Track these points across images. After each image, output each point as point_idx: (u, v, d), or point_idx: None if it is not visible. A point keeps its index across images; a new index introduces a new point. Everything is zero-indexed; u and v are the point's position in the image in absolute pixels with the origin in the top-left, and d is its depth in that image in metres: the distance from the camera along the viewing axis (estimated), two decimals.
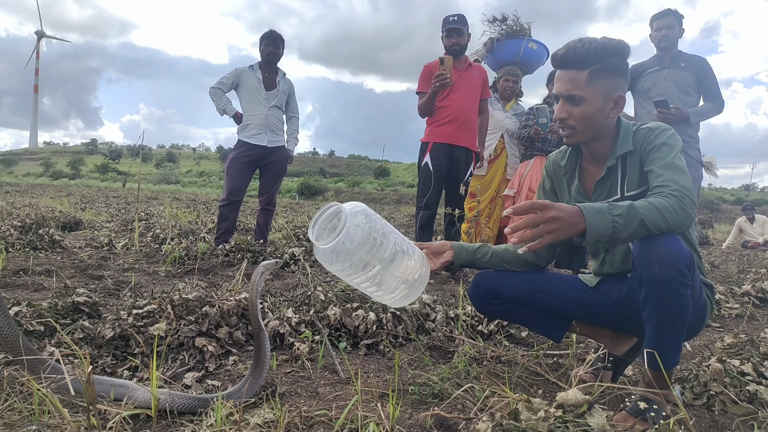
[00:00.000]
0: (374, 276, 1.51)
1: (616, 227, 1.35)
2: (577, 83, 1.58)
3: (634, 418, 1.44)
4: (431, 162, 4.09)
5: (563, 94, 1.61)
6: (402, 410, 1.60)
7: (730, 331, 2.83)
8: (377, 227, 1.48)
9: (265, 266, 1.72)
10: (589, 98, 1.59)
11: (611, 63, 1.58)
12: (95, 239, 5.22)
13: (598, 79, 1.58)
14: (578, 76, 1.58)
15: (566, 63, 1.60)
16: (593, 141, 1.67)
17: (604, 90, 1.59)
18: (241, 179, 4.59)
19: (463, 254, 1.78)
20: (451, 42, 4.07)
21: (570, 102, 1.61)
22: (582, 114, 1.60)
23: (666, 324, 1.41)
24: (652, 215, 1.37)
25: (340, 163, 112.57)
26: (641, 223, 1.36)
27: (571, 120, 1.62)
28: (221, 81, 4.62)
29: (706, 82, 3.88)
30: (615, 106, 1.63)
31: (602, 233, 1.35)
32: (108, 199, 15.83)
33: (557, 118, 1.64)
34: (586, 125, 1.62)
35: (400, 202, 33.53)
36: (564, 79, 1.61)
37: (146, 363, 1.87)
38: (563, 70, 1.62)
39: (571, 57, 1.58)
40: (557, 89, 1.63)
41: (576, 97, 1.59)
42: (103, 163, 72.68)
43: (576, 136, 1.65)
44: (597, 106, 1.60)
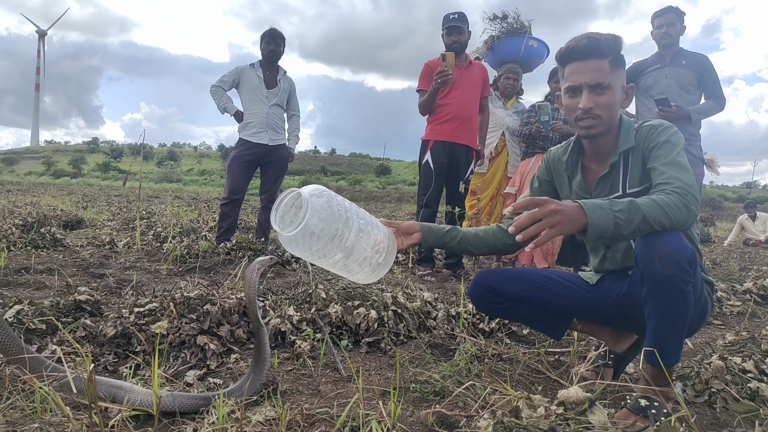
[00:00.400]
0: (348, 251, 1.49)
1: (618, 223, 1.35)
2: (603, 71, 1.60)
3: (635, 415, 1.44)
4: (432, 160, 4.09)
5: (590, 84, 1.60)
6: (403, 408, 1.60)
7: (732, 329, 2.83)
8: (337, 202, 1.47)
9: (259, 262, 1.72)
10: (613, 86, 1.61)
11: (620, 55, 1.63)
12: (97, 238, 5.23)
13: (616, 68, 1.61)
14: (602, 65, 1.60)
15: (590, 52, 1.61)
16: (606, 134, 1.66)
17: (620, 80, 1.63)
18: (243, 177, 4.59)
19: (432, 237, 1.76)
20: (452, 40, 4.07)
21: (597, 90, 1.61)
22: (607, 102, 1.61)
23: (668, 321, 1.41)
24: (654, 211, 1.37)
25: (341, 162, 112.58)
26: (643, 219, 1.36)
27: (597, 109, 1.61)
28: (222, 79, 4.62)
29: (708, 79, 3.87)
30: (626, 97, 1.67)
31: (604, 229, 1.34)
32: (109, 197, 15.85)
33: (584, 108, 1.61)
34: (609, 114, 1.63)
35: (401, 200, 33.53)
36: (587, 69, 1.61)
37: (148, 361, 1.88)
38: (584, 61, 1.62)
39: (596, 46, 1.60)
40: (580, 79, 1.61)
41: (604, 85, 1.60)
42: (104, 161, 72.74)
43: (600, 126, 1.63)
44: (618, 95, 1.63)
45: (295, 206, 1.49)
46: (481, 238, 1.79)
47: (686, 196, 1.41)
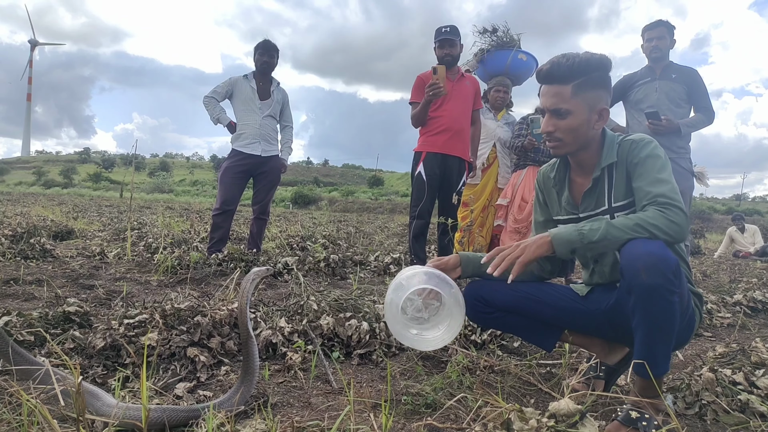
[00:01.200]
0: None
1: (582, 232, 1.48)
2: (563, 97, 1.63)
3: (625, 427, 1.44)
4: (424, 171, 4.10)
5: (549, 108, 1.66)
6: (395, 420, 1.60)
7: (722, 341, 2.84)
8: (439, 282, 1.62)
9: (256, 273, 1.72)
10: (575, 111, 1.64)
11: (594, 77, 1.64)
12: (87, 248, 5.19)
13: (582, 92, 1.63)
14: (563, 90, 1.63)
15: (551, 78, 1.66)
16: (579, 152, 1.72)
17: (588, 103, 1.64)
18: (235, 188, 4.59)
19: (470, 266, 1.80)
20: (444, 53, 4.10)
21: (556, 115, 1.66)
22: (568, 126, 1.65)
23: (655, 331, 1.42)
24: (621, 221, 1.47)
25: (334, 173, 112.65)
26: (609, 224, 1.46)
27: (558, 132, 1.67)
28: (215, 90, 4.62)
29: (697, 93, 3.92)
30: (599, 118, 1.68)
31: (568, 239, 1.49)
32: (100, 208, 15.75)
33: (544, 131, 1.69)
34: (572, 137, 1.67)
35: (393, 211, 33.55)
36: (549, 94, 1.66)
37: (137, 373, 1.86)
38: (548, 85, 1.67)
39: (556, 72, 1.64)
40: (543, 104, 1.69)
41: (562, 111, 1.64)
42: (95, 172, 72.38)
43: (563, 148, 1.70)
44: (582, 119, 1.65)
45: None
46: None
47: (666, 209, 1.45)
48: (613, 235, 1.45)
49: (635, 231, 1.44)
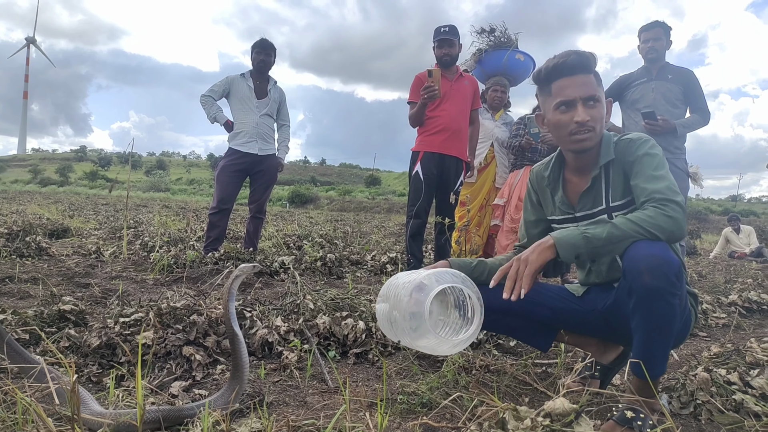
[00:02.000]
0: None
1: (586, 236, 1.47)
2: (592, 85, 1.64)
3: (621, 426, 1.45)
4: (422, 171, 4.10)
5: (583, 97, 1.62)
6: (390, 419, 1.59)
7: (717, 341, 2.85)
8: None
9: (241, 269, 1.72)
10: (601, 99, 1.66)
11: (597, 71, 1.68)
12: (83, 247, 5.18)
13: (599, 82, 1.67)
14: (590, 79, 1.64)
15: (578, 68, 1.64)
16: (594, 148, 1.69)
17: (603, 93, 1.68)
18: (232, 187, 4.58)
19: (462, 271, 1.79)
20: (443, 52, 4.10)
21: (589, 103, 1.63)
22: (599, 114, 1.65)
23: (655, 333, 1.42)
24: (625, 223, 1.45)
25: (331, 172, 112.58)
26: (614, 227, 1.45)
27: (592, 121, 1.63)
28: (212, 89, 4.62)
29: (693, 94, 3.93)
30: (608, 112, 1.71)
31: (574, 244, 1.48)
32: (96, 206, 15.71)
33: (581, 122, 1.62)
34: (601, 126, 1.66)
35: (391, 210, 33.55)
36: (578, 83, 1.63)
37: (133, 372, 1.85)
38: (573, 76, 1.64)
39: (584, 61, 1.64)
40: (573, 94, 1.63)
41: (596, 97, 1.64)
42: (92, 170, 72.14)
43: (594, 138, 1.66)
44: (605, 108, 1.67)
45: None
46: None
47: (664, 205, 1.45)
48: (617, 237, 1.45)
49: (637, 233, 1.43)
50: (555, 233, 1.54)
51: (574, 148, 1.69)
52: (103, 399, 1.64)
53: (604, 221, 1.50)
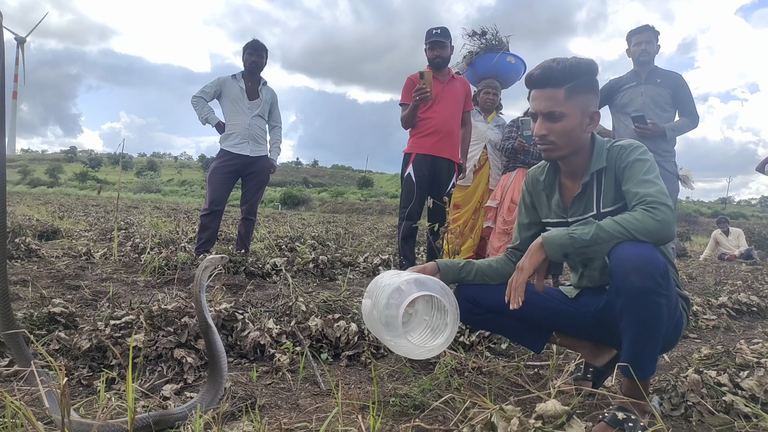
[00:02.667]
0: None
1: (572, 236, 1.49)
2: (557, 100, 1.63)
3: (611, 428, 1.46)
4: (414, 173, 4.11)
5: (543, 112, 1.66)
6: (383, 422, 1.59)
7: (707, 342, 2.87)
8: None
9: (209, 260, 1.71)
10: (569, 114, 1.64)
11: (584, 80, 1.65)
12: (73, 248, 5.14)
13: (574, 95, 1.64)
14: (556, 94, 1.64)
15: (544, 82, 1.66)
16: (571, 156, 1.71)
17: (580, 106, 1.65)
18: (223, 188, 4.56)
19: (450, 273, 1.83)
20: (435, 54, 4.11)
21: (550, 119, 1.65)
22: (562, 129, 1.65)
23: (642, 333, 1.43)
24: (611, 225, 1.47)
25: (324, 173, 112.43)
26: (599, 228, 1.46)
27: (552, 136, 1.66)
28: (204, 90, 4.60)
29: (682, 97, 3.96)
30: (591, 122, 1.69)
31: (560, 244, 1.51)
32: (87, 207, 15.60)
33: (538, 135, 1.68)
34: (565, 140, 1.67)
35: (383, 212, 33.55)
36: (542, 98, 1.66)
37: (123, 375, 1.84)
38: (541, 89, 1.67)
39: (549, 75, 1.64)
40: (535, 108, 1.68)
41: (556, 114, 1.64)
42: (82, 171, 71.57)
43: (556, 151, 1.70)
44: (575, 122, 1.65)
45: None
46: (495, 269, 1.86)
47: (653, 209, 1.46)
48: (602, 238, 1.46)
49: (622, 234, 1.44)
50: (544, 234, 1.56)
51: (542, 157, 1.78)
52: (93, 402, 1.63)
53: (591, 222, 1.51)
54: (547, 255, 1.53)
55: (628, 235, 1.44)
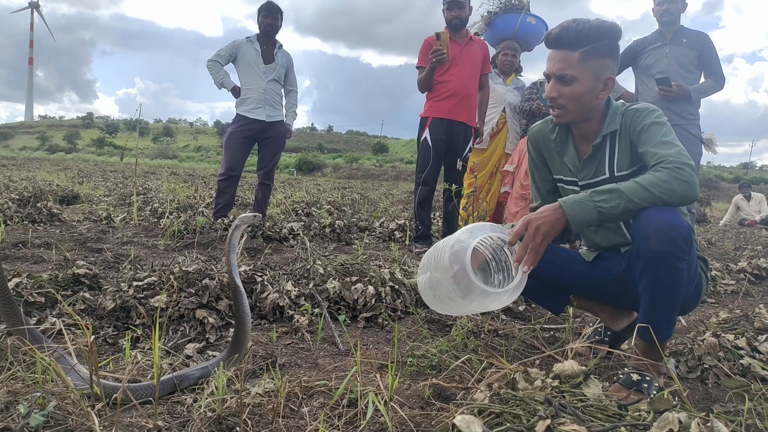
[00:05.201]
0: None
1: (601, 211, 1.43)
2: (569, 63, 1.60)
3: (627, 389, 1.47)
4: (430, 137, 4.07)
5: (555, 74, 1.63)
6: (400, 381, 1.62)
7: (726, 307, 2.86)
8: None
9: (241, 219, 1.72)
10: (580, 78, 1.61)
11: (603, 44, 1.61)
12: (93, 213, 5.22)
13: (589, 59, 1.60)
14: (570, 56, 1.60)
15: (559, 43, 1.62)
16: (582, 121, 1.69)
17: (594, 71, 1.62)
18: (240, 154, 4.57)
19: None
20: (452, 15, 4.02)
21: (561, 81, 1.63)
22: (572, 93, 1.62)
23: (661, 297, 1.43)
24: (638, 192, 1.42)
25: (339, 139, 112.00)
26: (629, 201, 1.41)
27: (562, 99, 1.64)
28: (219, 54, 4.56)
29: (708, 58, 3.85)
30: (604, 88, 1.65)
31: (588, 221, 1.44)
32: (105, 173, 15.77)
33: (548, 97, 1.66)
34: (576, 105, 1.64)
35: (398, 178, 33.43)
36: (556, 59, 1.63)
37: (148, 334, 1.89)
38: (556, 50, 1.64)
39: (565, 37, 1.60)
40: (549, 69, 1.65)
41: (567, 77, 1.61)
42: (99, 137, 72.07)
43: (566, 116, 1.67)
44: (587, 87, 1.62)
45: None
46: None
47: (679, 170, 1.43)
48: (630, 209, 1.42)
49: (651, 200, 1.41)
50: (567, 205, 1.46)
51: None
52: (119, 360, 1.68)
53: (617, 192, 1.43)
54: (572, 228, 1.48)
55: (656, 200, 1.41)
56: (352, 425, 1.33)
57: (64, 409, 1.25)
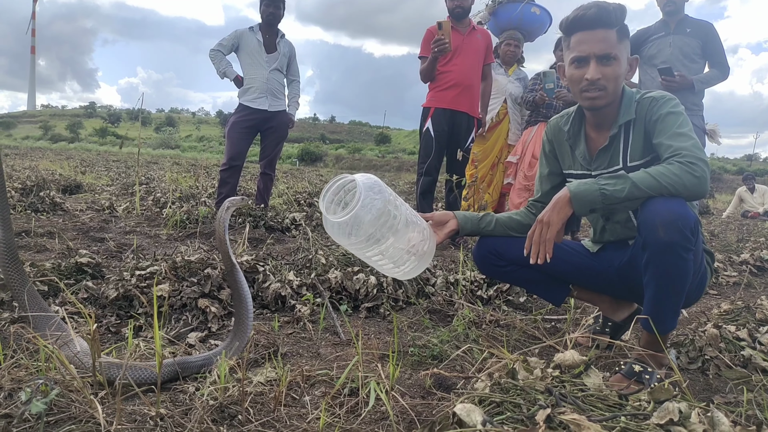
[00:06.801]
0: (387, 248, 1.51)
1: (604, 193, 1.42)
2: (611, 42, 1.57)
3: (628, 380, 1.47)
4: (432, 128, 4.05)
5: (598, 54, 1.58)
6: (402, 371, 1.63)
7: (728, 298, 2.86)
8: (390, 199, 1.48)
9: (230, 201, 1.73)
10: (620, 57, 1.59)
11: (625, 25, 1.60)
12: (96, 202, 5.23)
13: (623, 38, 1.59)
14: (610, 35, 1.57)
15: (598, 22, 1.58)
16: (609, 106, 1.65)
17: (626, 50, 1.61)
18: (242, 144, 4.56)
19: (468, 224, 1.79)
20: (455, 4, 3.99)
21: (604, 62, 1.58)
22: (614, 73, 1.59)
23: (666, 288, 1.43)
24: (645, 180, 1.41)
25: (341, 129, 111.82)
26: (634, 186, 1.40)
27: (604, 80, 1.59)
28: (221, 43, 4.54)
29: (712, 48, 3.82)
30: (630, 69, 1.65)
31: (590, 201, 1.44)
32: (108, 162, 15.78)
33: (592, 79, 1.59)
34: (615, 85, 1.61)
35: (400, 169, 33.40)
36: (595, 39, 1.58)
37: (150, 322, 1.90)
38: (592, 30, 1.59)
39: (604, 16, 1.57)
40: (587, 50, 1.59)
41: (611, 55, 1.58)
42: (102, 126, 72.08)
43: (605, 98, 1.61)
44: (624, 67, 1.61)
45: (344, 191, 1.51)
46: (518, 221, 1.82)
47: (692, 164, 1.41)
48: (636, 196, 1.41)
49: (658, 190, 1.40)
50: (572, 186, 1.48)
51: (585, 105, 1.67)
52: (122, 348, 1.69)
53: (624, 177, 1.43)
54: (575, 210, 1.47)
55: (663, 191, 1.40)
56: (353, 414, 1.34)
57: (67, 397, 1.26)
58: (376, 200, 1.43)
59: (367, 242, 1.46)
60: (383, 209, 1.44)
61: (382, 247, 1.49)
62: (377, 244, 1.48)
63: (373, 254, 1.52)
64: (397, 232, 1.49)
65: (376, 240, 1.47)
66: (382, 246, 1.49)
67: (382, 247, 1.50)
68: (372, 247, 1.49)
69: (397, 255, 1.56)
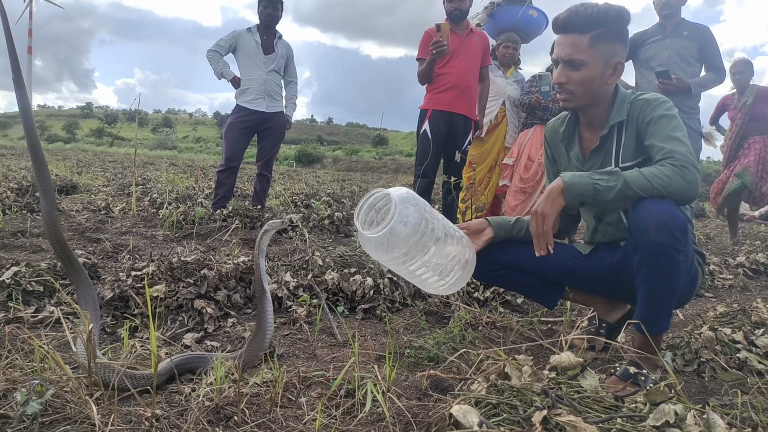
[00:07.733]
0: (430, 259, 1.50)
1: (597, 188, 1.43)
2: (579, 47, 1.58)
3: (623, 382, 1.47)
4: (430, 129, 4.06)
5: (564, 59, 1.61)
6: (398, 372, 1.63)
7: (723, 301, 2.87)
8: (426, 209, 1.49)
9: (270, 224, 1.72)
10: (590, 63, 1.59)
11: (612, 28, 1.59)
12: (92, 203, 5.22)
13: (599, 43, 1.58)
14: (580, 41, 1.58)
15: (568, 27, 1.60)
16: (590, 107, 1.67)
17: (604, 55, 1.60)
18: (239, 145, 4.56)
19: (502, 231, 1.78)
20: (453, 6, 3.99)
21: (570, 66, 1.61)
22: (581, 79, 1.61)
23: (658, 288, 1.44)
24: (637, 180, 1.42)
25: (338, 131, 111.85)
26: (626, 185, 1.41)
27: (570, 85, 1.62)
28: (218, 44, 4.54)
29: (709, 51, 3.84)
30: (614, 73, 1.64)
31: (581, 193, 1.45)
32: (104, 163, 15.74)
33: (556, 83, 1.64)
34: (584, 90, 1.62)
35: (398, 171, 33.38)
36: (565, 44, 1.61)
37: (146, 323, 1.89)
38: (565, 35, 1.62)
39: (574, 21, 1.58)
40: (557, 54, 1.63)
41: (576, 62, 1.59)
42: (98, 127, 71.94)
43: (574, 101, 1.65)
44: (597, 71, 1.60)
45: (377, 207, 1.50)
46: None
47: (683, 168, 1.42)
48: (627, 195, 1.43)
49: (649, 193, 1.41)
50: (566, 177, 1.49)
51: (560, 107, 1.72)
52: (117, 349, 1.68)
53: (617, 174, 1.45)
54: (566, 202, 1.48)
55: (654, 192, 1.41)
56: (349, 415, 1.34)
57: (63, 397, 1.25)
58: (411, 211, 1.43)
59: (407, 255, 1.46)
60: (419, 220, 1.44)
61: (425, 257, 1.49)
62: (420, 254, 1.47)
63: (416, 267, 1.52)
64: (438, 240, 1.50)
65: (419, 250, 1.46)
66: (425, 257, 1.49)
67: (425, 258, 1.49)
68: (414, 259, 1.49)
69: (441, 266, 1.56)
